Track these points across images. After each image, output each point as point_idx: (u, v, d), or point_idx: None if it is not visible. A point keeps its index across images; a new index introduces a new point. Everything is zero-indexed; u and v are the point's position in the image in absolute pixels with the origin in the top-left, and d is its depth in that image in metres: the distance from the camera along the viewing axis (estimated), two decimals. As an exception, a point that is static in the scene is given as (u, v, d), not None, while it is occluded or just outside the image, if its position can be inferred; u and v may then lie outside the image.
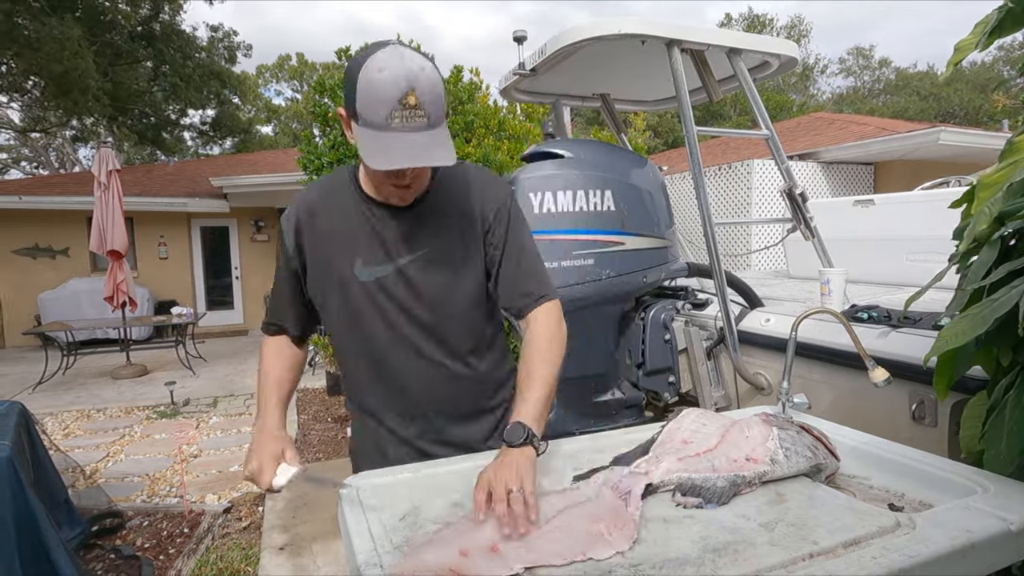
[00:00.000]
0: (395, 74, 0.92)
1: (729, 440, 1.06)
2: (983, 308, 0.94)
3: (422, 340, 1.17)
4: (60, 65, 9.92)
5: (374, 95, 0.93)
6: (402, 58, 0.93)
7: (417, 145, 0.94)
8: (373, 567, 0.78)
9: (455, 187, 1.17)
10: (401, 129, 0.94)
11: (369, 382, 1.23)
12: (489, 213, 1.16)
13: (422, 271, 1.14)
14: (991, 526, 0.82)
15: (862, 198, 3.14)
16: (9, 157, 22.69)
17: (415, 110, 0.93)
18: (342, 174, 1.21)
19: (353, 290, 1.15)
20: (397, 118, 0.93)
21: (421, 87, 0.93)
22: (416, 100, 0.93)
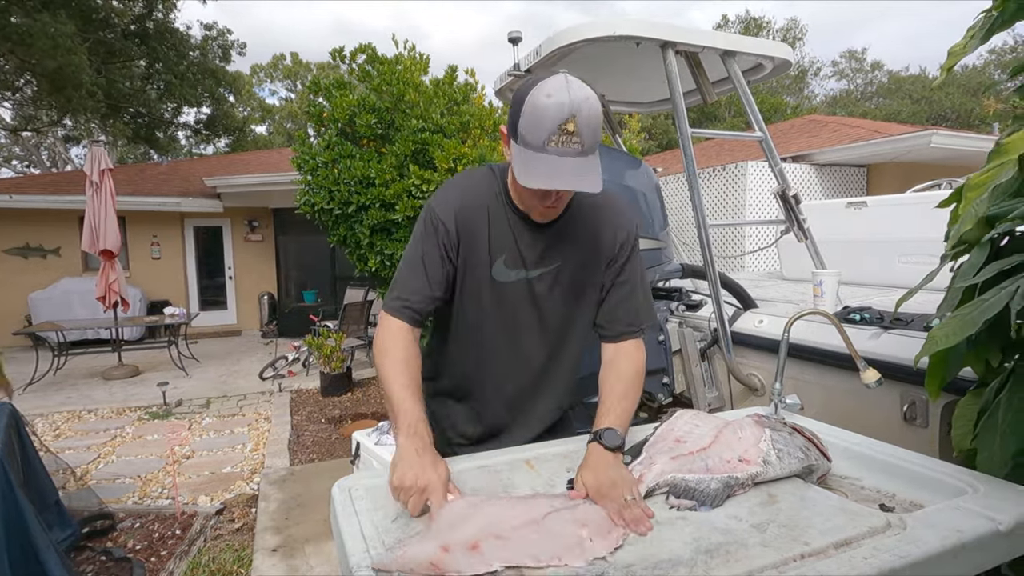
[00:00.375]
0: (560, 101, 0.97)
1: (722, 441, 1.06)
2: (973, 309, 0.94)
3: (533, 348, 1.25)
4: (53, 61, 9.85)
5: (538, 118, 0.98)
6: (569, 87, 0.98)
7: (568, 169, 0.99)
8: (365, 568, 0.78)
9: (592, 210, 1.22)
10: (556, 153, 0.99)
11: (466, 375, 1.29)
12: (618, 242, 1.22)
13: (548, 287, 1.21)
14: (981, 526, 0.82)
15: (855, 200, 3.16)
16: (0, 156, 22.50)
17: (572, 136, 0.98)
18: (489, 177, 1.22)
19: (489, 288, 1.20)
20: (554, 142, 0.98)
21: (582, 116, 0.98)
22: (575, 127, 0.98)
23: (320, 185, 5.66)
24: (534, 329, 1.24)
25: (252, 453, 4.20)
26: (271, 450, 4.19)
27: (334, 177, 5.59)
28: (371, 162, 5.52)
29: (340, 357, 5.64)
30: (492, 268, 1.19)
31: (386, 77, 5.68)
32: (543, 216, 1.15)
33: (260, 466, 3.91)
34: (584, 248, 1.21)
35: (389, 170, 5.42)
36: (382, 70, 5.77)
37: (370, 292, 7.48)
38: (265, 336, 9.41)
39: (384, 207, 5.51)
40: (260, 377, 6.38)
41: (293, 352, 6.65)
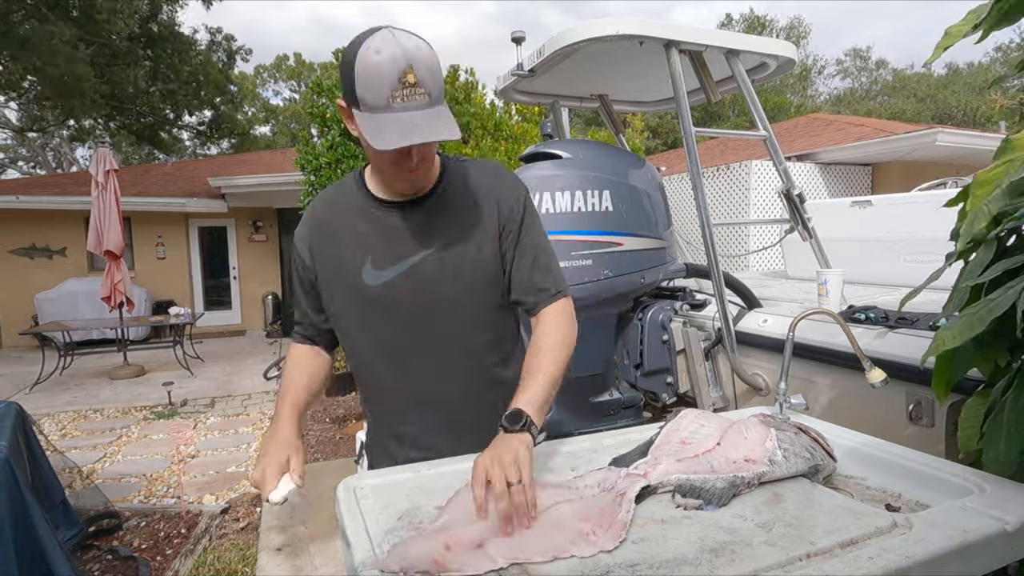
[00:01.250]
0: (392, 53, 0.91)
1: (728, 441, 1.06)
2: (980, 308, 0.94)
3: (438, 340, 1.14)
4: (56, 70, 9.87)
5: (373, 77, 0.92)
6: (396, 38, 0.93)
7: (421, 122, 0.93)
8: (370, 568, 0.78)
9: (467, 182, 1.14)
10: (403, 108, 0.93)
11: (382, 385, 1.21)
12: (504, 210, 1.13)
13: (435, 267, 1.11)
14: (987, 526, 0.82)
15: (860, 199, 3.15)
16: (6, 157, 22.64)
17: (415, 88, 0.92)
18: (347, 179, 1.20)
19: (363, 295, 1.13)
20: (398, 97, 0.92)
21: (419, 64, 0.93)
22: (415, 77, 0.92)
23: (323, 185, 5.67)
24: (429, 325, 1.13)
25: (256, 453, 4.21)
26: (276, 449, 4.19)
27: (337, 177, 5.60)
28: (374, 162, 5.52)
29: (344, 357, 5.64)
30: (361, 274, 1.12)
31: (389, 77, 5.68)
32: (412, 184, 1.08)
33: (265, 465, 3.92)
34: (462, 225, 1.12)
35: (392, 170, 5.43)
36: (385, 70, 5.77)
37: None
38: (269, 336, 9.44)
39: (388, 207, 5.52)
40: (264, 377, 6.40)
41: (297, 352, 6.65)
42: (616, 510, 0.88)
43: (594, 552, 0.79)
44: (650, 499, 0.96)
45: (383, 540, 0.85)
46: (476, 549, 0.80)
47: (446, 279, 1.12)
